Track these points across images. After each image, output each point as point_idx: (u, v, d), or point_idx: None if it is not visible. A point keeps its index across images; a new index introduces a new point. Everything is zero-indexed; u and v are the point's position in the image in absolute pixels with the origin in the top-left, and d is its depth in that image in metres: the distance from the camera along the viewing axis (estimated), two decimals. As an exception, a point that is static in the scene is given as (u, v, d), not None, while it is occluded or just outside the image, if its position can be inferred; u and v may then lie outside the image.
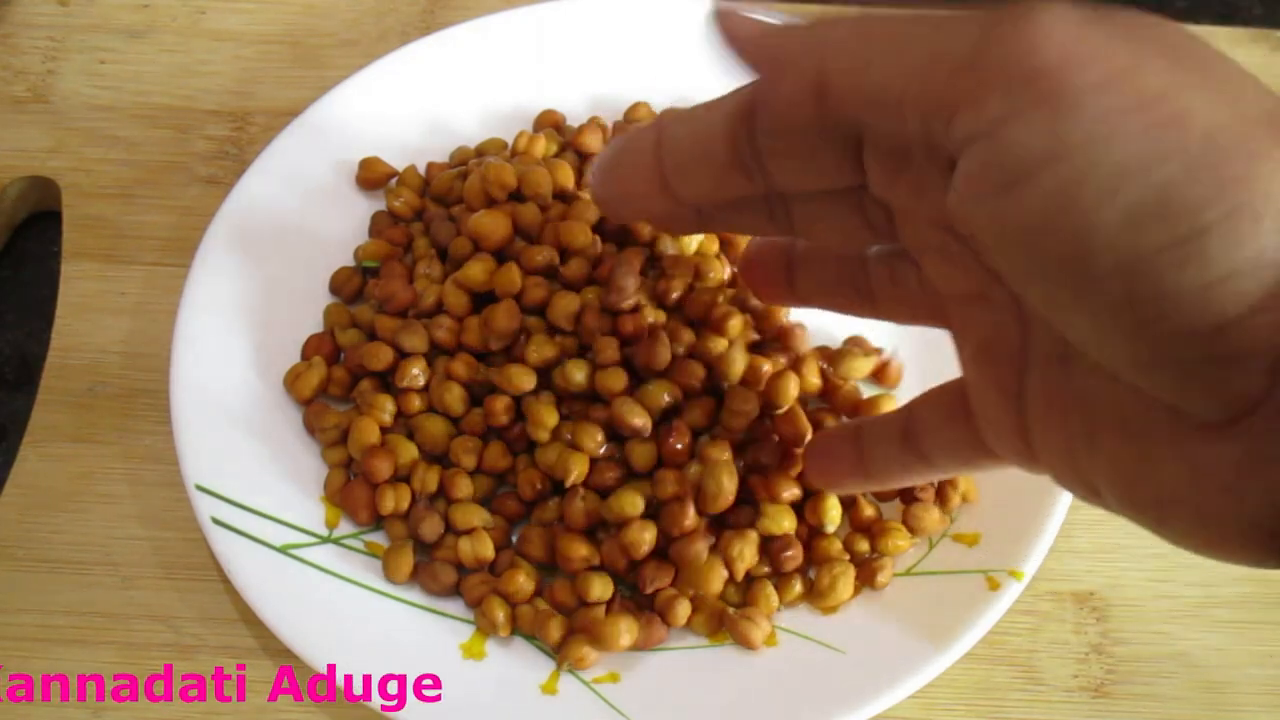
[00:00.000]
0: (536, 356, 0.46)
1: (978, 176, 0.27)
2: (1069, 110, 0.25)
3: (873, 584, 0.45)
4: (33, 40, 0.60)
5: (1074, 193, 0.25)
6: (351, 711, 0.45)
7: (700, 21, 0.55)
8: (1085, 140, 0.25)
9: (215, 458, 0.46)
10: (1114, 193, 0.25)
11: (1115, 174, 0.25)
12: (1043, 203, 0.26)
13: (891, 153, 0.31)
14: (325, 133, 0.53)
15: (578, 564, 0.45)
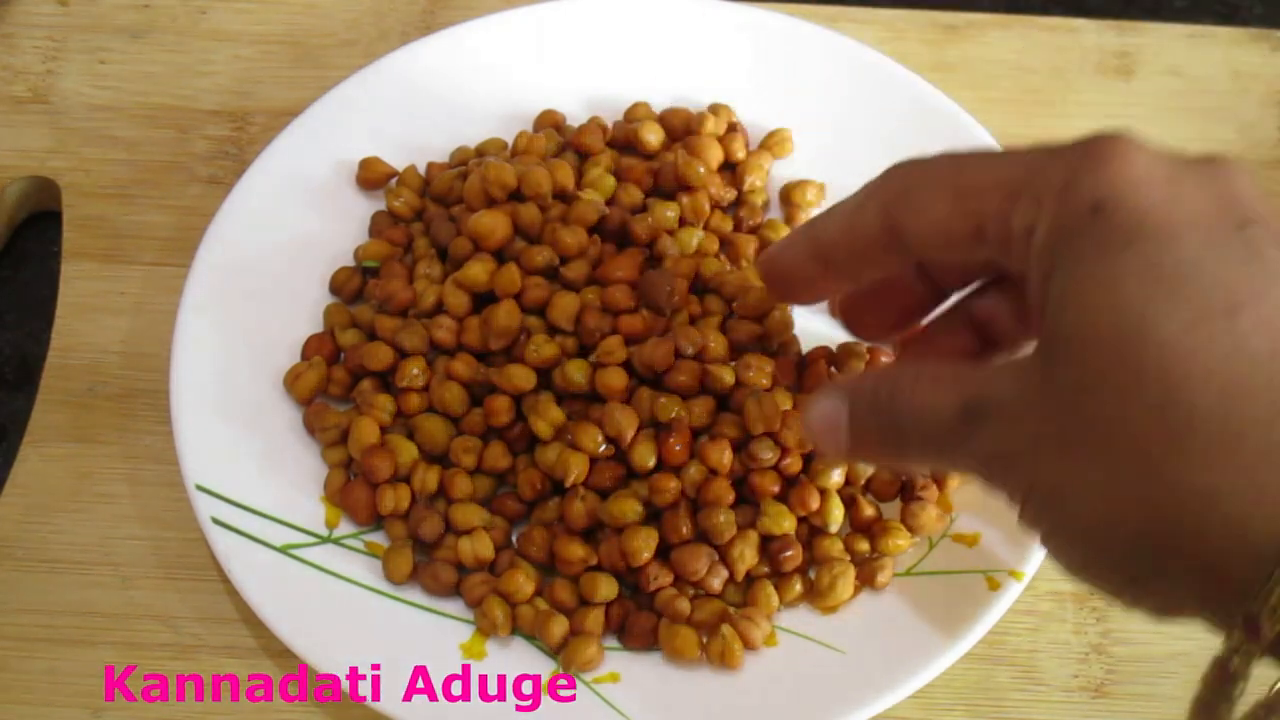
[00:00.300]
0: (536, 356, 0.46)
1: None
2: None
3: (873, 584, 0.45)
4: (33, 40, 0.60)
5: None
6: (351, 711, 0.45)
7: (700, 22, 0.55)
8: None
9: (215, 458, 0.46)
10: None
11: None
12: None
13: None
14: (325, 133, 0.53)
15: (576, 565, 0.45)
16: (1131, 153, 0.31)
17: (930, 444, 0.34)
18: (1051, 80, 0.60)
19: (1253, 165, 0.58)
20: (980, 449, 0.33)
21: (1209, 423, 0.27)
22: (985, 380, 0.33)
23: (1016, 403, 0.31)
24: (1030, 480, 0.31)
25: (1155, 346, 0.28)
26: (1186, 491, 0.28)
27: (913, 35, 0.61)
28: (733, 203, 0.54)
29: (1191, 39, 0.61)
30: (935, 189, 0.34)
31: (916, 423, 0.34)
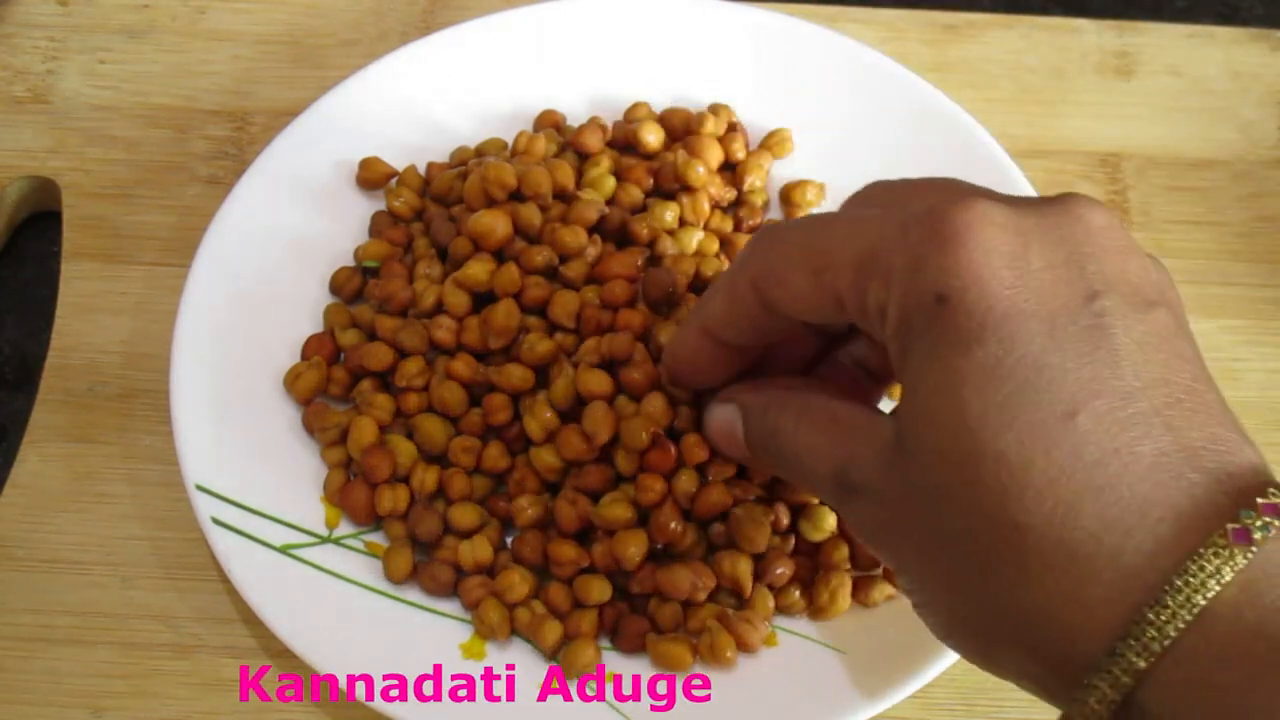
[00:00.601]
0: (531, 354, 0.46)
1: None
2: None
3: (866, 602, 0.45)
4: (33, 40, 0.60)
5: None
6: (351, 711, 0.45)
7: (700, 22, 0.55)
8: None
9: (215, 458, 0.46)
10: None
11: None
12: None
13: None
14: (325, 133, 0.53)
15: (569, 567, 0.45)
16: (976, 230, 0.30)
17: (813, 490, 0.37)
18: (1051, 80, 0.60)
19: (1253, 165, 0.58)
20: (849, 516, 0.34)
21: (1042, 541, 0.28)
22: (854, 452, 0.33)
23: (879, 488, 0.32)
24: (895, 559, 0.33)
25: (992, 461, 0.28)
26: (1022, 606, 0.28)
27: (913, 35, 0.61)
28: (733, 203, 0.54)
29: (1191, 39, 0.61)
30: (793, 266, 0.34)
31: (798, 469, 0.35)
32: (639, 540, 0.44)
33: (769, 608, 0.45)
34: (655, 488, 0.44)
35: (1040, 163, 0.57)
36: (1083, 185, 0.57)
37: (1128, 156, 0.58)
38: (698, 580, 0.44)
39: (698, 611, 0.45)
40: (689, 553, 0.45)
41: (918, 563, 0.32)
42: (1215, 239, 0.56)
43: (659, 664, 0.44)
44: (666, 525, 0.44)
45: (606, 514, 0.44)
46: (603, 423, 0.44)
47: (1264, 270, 0.55)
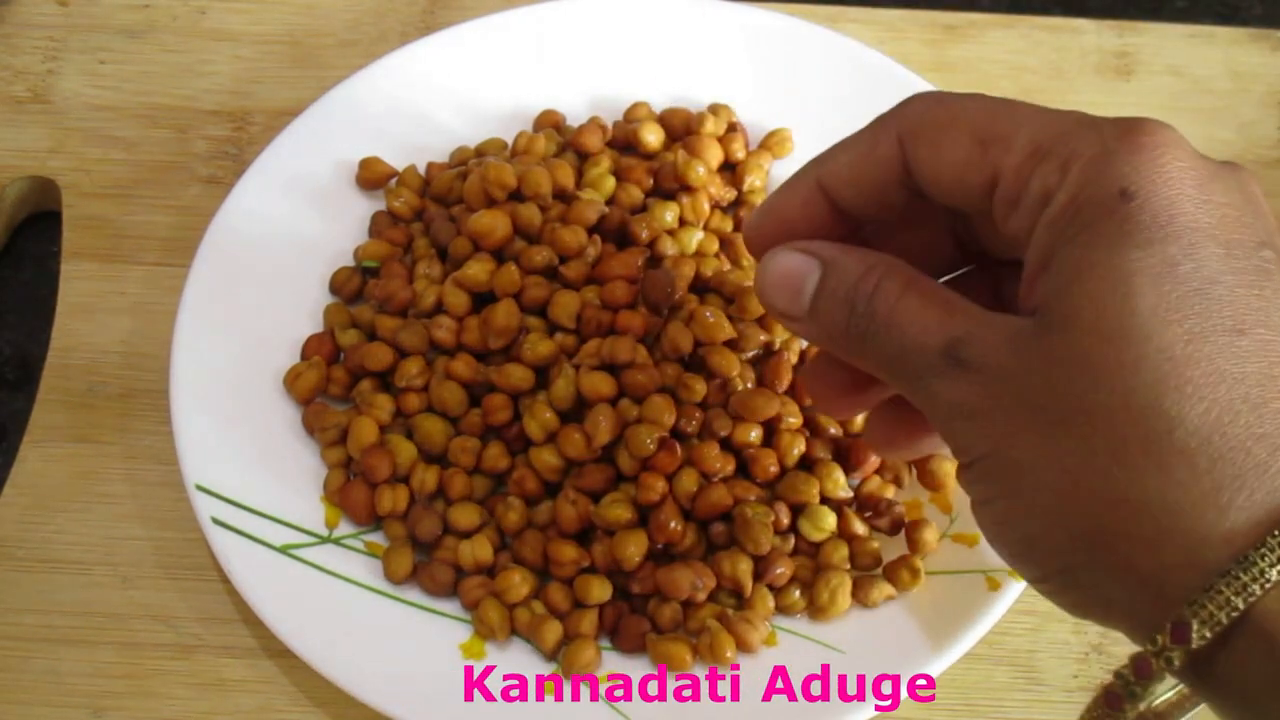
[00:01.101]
0: (532, 354, 0.46)
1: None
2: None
3: (866, 602, 0.45)
4: (33, 40, 0.60)
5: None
6: (351, 711, 0.45)
7: (700, 22, 0.55)
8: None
9: (215, 458, 0.46)
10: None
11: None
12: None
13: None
14: (325, 133, 0.53)
15: (569, 567, 0.45)
16: (1171, 146, 0.30)
17: (896, 365, 0.32)
18: (1051, 80, 0.60)
19: (1253, 165, 0.58)
20: (949, 394, 0.31)
21: (1190, 438, 0.27)
22: (976, 325, 0.31)
23: (1004, 363, 0.30)
24: (992, 443, 0.31)
25: (1155, 351, 0.28)
26: (1150, 500, 0.28)
27: (913, 35, 0.61)
28: (733, 203, 0.54)
29: (1191, 39, 0.61)
30: (957, 130, 0.32)
31: (889, 339, 0.32)
32: (639, 540, 0.44)
33: (769, 608, 0.45)
34: (656, 487, 0.44)
35: (1040, 163, 0.57)
36: (1083, 185, 0.57)
37: (1128, 156, 0.58)
38: (698, 580, 0.44)
39: (698, 611, 0.45)
40: (689, 553, 0.45)
41: (1025, 444, 0.30)
42: (1215, 239, 0.56)
43: (659, 664, 0.44)
44: (666, 525, 0.44)
45: (607, 514, 0.44)
46: (604, 425, 0.44)
47: (1264, 270, 0.55)
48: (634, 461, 0.44)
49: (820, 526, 0.45)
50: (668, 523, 0.44)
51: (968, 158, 0.32)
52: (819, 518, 0.45)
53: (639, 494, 0.44)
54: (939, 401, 0.31)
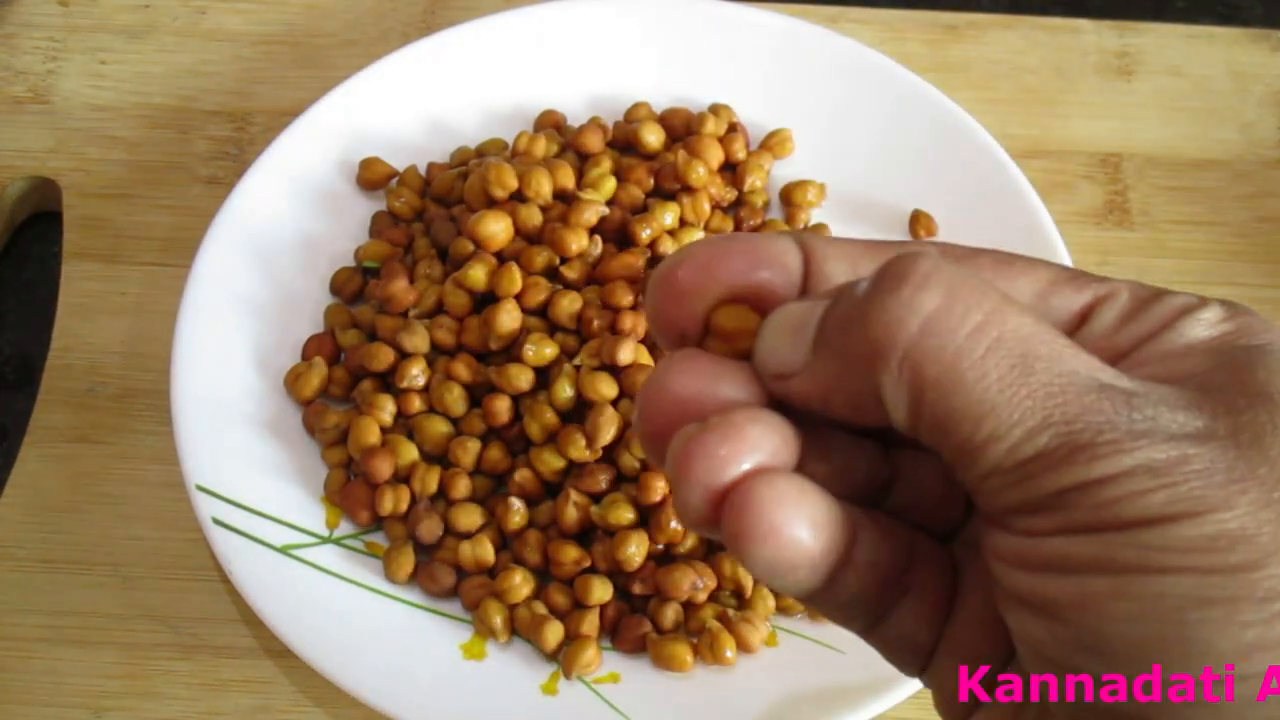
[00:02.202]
0: (535, 356, 0.46)
1: (1010, 552, 0.21)
2: (1124, 538, 0.20)
3: None
4: (33, 40, 0.60)
5: (1100, 603, 0.20)
6: (351, 711, 0.45)
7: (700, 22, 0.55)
8: (1133, 566, 0.20)
9: (215, 458, 0.46)
10: (1134, 620, 0.20)
11: (1150, 602, 0.20)
12: (1065, 594, 0.20)
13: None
14: (326, 133, 0.53)
15: (570, 567, 0.45)
16: None
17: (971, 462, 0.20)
18: (1051, 80, 0.60)
19: (1253, 165, 0.58)
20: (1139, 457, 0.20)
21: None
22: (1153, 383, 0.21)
23: (1223, 425, 0.20)
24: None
25: None
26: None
27: (913, 35, 0.61)
28: (733, 203, 0.54)
29: (1191, 39, 0.61)
30: (1026, 271, 0.23)
31: (968, 424, 0.20)
32: (640, 540, 0.44)
33: (769, 608, 0.45)
34: (657, 488, 0.44)
35: (1040, 163, 0.57)
36: (1083, 185, 0.57)
37: (1128, 156, 0.58)
38: (698, 580, 0.44)
39: (698, 612, 0.45)
40: (690, 553, 0.45)
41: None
42: (1215, 239, 0.56)
43: (659, 664, 0.44)
44: (667, 525, 0.44)
45: (608, 515, 0.44)
46: (605, 426, 0.44)
47: (1264, 270, 0.55)
48: (635, 462, 0.44)
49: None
50: (668, 523, 0.44)
51: (1050, 286, 0.23)
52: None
53: (640, 494, 0.44)
54: (1099, 446, 0.20)
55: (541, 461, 0.45)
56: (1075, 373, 0.20)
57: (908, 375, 0.20)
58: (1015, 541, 0.20)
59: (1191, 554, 0.19)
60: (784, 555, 0.21)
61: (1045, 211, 0.51)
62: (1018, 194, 0.51)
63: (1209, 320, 0.22)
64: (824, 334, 0.22)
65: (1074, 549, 0.20)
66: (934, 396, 0.20)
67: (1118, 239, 0.56)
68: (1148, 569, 0.19)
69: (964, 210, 0.52)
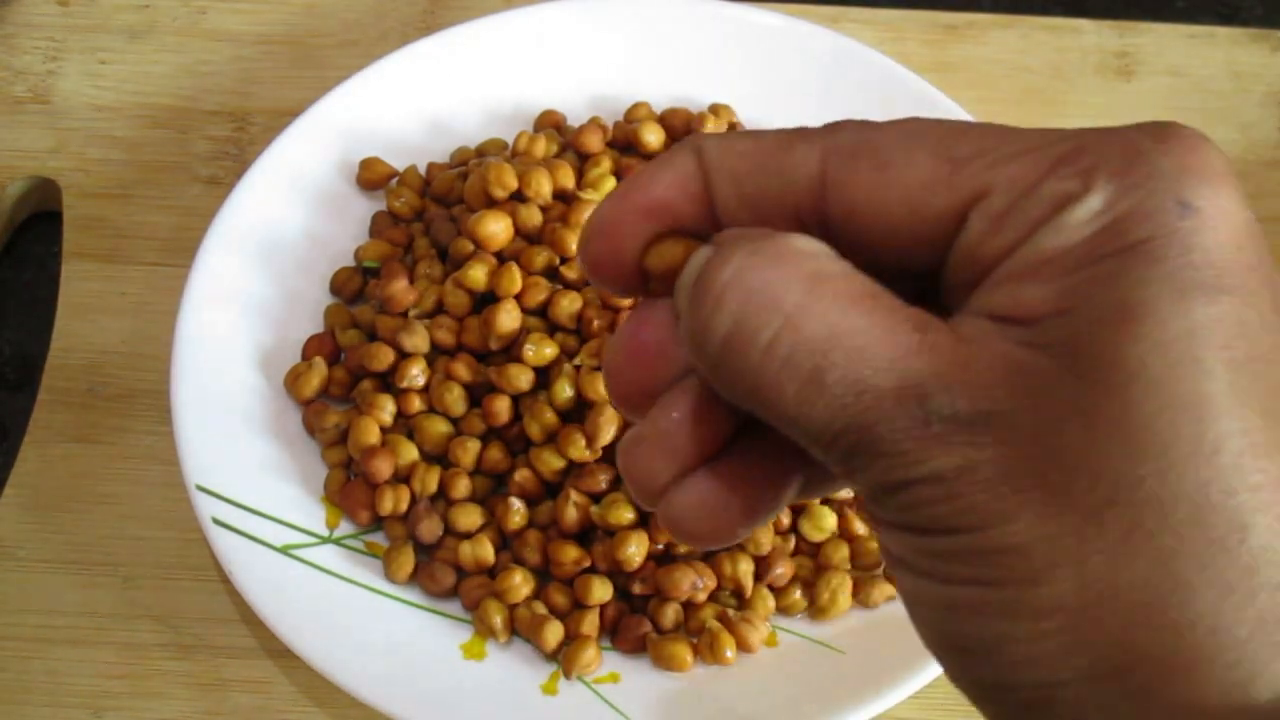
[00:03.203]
0: (535, 356, 0.46)
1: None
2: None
3: (867, 603, 0.45)
4: (33, 40, 0.60)
5: (916, 611, 0.23)
6: (351, 712, 0.45)
7: (700, 22, 0.55)
8: (932, 572, 0.22)
9: (215, 458, 0.46)
10: (946, 621, 0.22)
11: (950, 608, 0.22)
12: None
13: None
14: (326, 133, 0.53)
15: (570, 567, 0.45)
16: (1218, 154, 0.22)
17: (814, 419, 0.21)
18: (1051, 80, 0.60)
19: (1253, 165, 0.58)
20: (922, 453, 0.21)
21: (1259, 553, 0.21)
22: (963, 362, 0.21)
23: (1009, 413, 0.21)
24: (979, 519, 0.21)
25: (1235, 435, 0.20)
26: (1196, 622, 0.21)
27: (913, 35, 0.61)
28: (733, 203, 0.53)
29: (1191, 39, 0.61)
30: (915, 148, 0.23)
31: (840, 368, 0.21)
32: (640, 540, 0.44)
33: (769, 608, 0.45)
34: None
35: (1040, 163, 0.57)
36: (1083, 185, 0.57)
37: (1128, 157, 0.58)
38: (698, 580, 0.44)
39: (698, 611, 0.45)
40: (690, 553, 0.45)
41: (1034, 530, 0.21)
42: (1215, 239, 0.56)
43: (659, 664, 0.44)
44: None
45: (608, 515, 0.44)
46: (605, 426, 0.44)
47: (1264, 270, 0.55)
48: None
49: (821, 527, 0.45)
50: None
51: (931, 177, 0.23)
52: (819, 518, 0.45)
53: None
54: (892, 457, 0.21)
55: (541, 461, 0.45)
56: (866, 379, 0.21)
57: (723, 385, 0.22)
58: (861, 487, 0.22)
59: (975, 566, 0.20)
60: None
61: (1045, 211, 0.51)
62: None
63: (1081, 218, 0.21)
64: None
65: (889, 543, 0.22)
66: (749, 405, 0.22)
67: (1118, 239, 0.56)
68: (935, 576, 0.21)
69: (964, 210, 0.52)
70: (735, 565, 0.44)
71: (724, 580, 0.44)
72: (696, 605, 0.45)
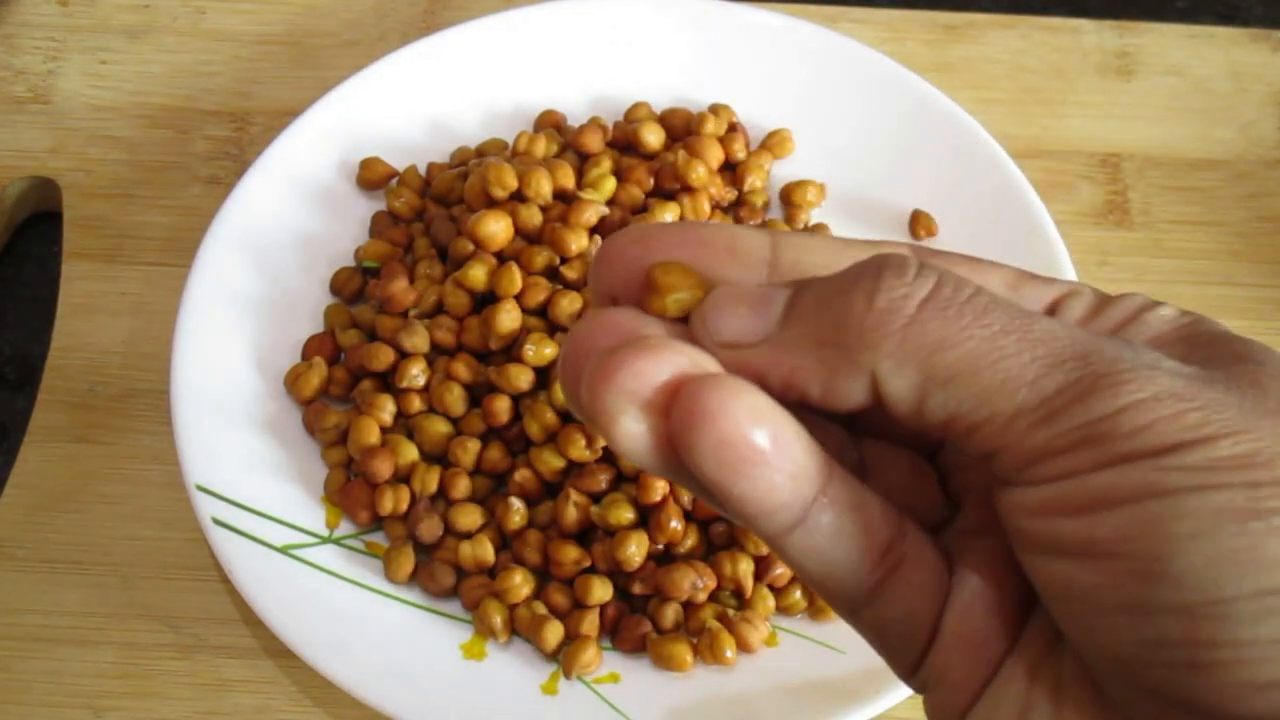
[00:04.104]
0: (535, 356, 0.46)
1: (1044, 503, 0.20)
2: (1168, 461, 0.20)
3: None
4: (33, 40, 0.60)
5: (1159, 526, 0.19)
6: (351, 711, 0.45)
7: (700, 22, 0.55)
8: (1184, 487, 0.19)
9: (215, 458, 0.46)
10: (1199, 537, 0.19)
11: (1210, 518, 0.19)
12: (1117, 529, 0.20)
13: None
14: (326, 133, 0.53)
15: (570, 567, 0.45)
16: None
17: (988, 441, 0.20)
18: (1051, 80, 0.60)
19: (1253, 165, 0.58)
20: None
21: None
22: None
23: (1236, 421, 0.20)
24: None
25: None
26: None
27: (913, 35, 0.61)
28: (733, 203, 0.54)
29: (1191, 39, 0.61)
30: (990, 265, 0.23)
31: (976, 404, 0.20)
32: (640, 540, 0.44)
33: (769, 608, 0.45)
34: (657, 487, 0.44)
35: (1040, 163, 0.57)
36: (1083, 185, 0.57)
37: (1128, 156, 0.58)
38: (698, 580, 0.44)
39: (698, 612, 0.45)
40: (690, 553, 0.45)
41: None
42: (1215, 239, 0.56)
43: (659, 664, 0.44)
44: (667, 525, 0.44)
45: (608, 515, 0.44)
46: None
47: (1264, 270, 0.55)
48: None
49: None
50: (668, 523, 0.44)
51: (1018, 278, 0.23)
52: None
53: (640, 494, 0.44)
54: (1118, 380, 0.20)
55: (541, 461, 0.45)
56: (1072, 325, 0.21)
57: (911, 348, 0.20)
58: (1051, 489, 0.20)
59: (1239, 469, 0.19)
60: (730, 441, 0.20)
61: (1045, 211, 0.51)
62: (1018, 194, 0.51)
63: (1169, 315, 0.22)
64: (798, 310, 0.21)
65: (1121, 479, 0.19)
66: (944, 357, 0.20)
67: (1117, 239, 0.56)
68: (1201, 487, 0.19)
69: (964, 210, 0.52)
70: (735, 565, 0.44)
71: (724, 580, 0.44)
72: (696, 605, 0.45)
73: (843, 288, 0.21)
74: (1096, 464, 0.19)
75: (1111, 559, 0.19)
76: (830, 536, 0.21)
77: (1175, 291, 0.55)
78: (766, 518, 0.21)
